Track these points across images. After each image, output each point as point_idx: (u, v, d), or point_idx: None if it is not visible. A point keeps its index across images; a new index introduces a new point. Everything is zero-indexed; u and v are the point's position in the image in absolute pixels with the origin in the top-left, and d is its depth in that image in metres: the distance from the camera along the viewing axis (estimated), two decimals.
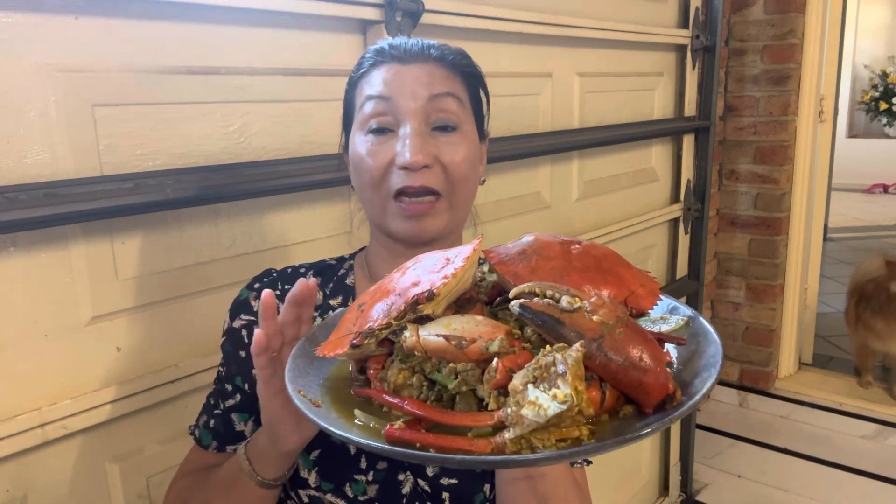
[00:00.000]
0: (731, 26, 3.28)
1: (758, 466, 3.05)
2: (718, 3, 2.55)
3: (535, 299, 0.60)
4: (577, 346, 0.54)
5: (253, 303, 0.95)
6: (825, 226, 4.09)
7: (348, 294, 0.98)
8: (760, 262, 3.43)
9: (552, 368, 0.53)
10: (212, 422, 0.95)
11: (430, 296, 0.61)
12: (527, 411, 0.52)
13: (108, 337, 1.11)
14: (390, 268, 0.91)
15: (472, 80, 0.93)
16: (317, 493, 0.90)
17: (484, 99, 0.96)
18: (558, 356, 0.54)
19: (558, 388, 0.52)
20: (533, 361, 0.55)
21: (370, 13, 1.39)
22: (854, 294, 3.42)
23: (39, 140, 0.99)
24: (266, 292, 0.73)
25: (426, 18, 1.46)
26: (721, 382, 3.61)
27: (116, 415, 1.11)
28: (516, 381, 0.54)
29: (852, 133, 9.78)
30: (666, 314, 0.72)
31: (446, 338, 0.59)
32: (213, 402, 0.97)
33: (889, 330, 3.24)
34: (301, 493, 0.91)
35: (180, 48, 1.14)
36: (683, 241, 2.73)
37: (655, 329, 0.70)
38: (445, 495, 0.90)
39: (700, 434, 3.18)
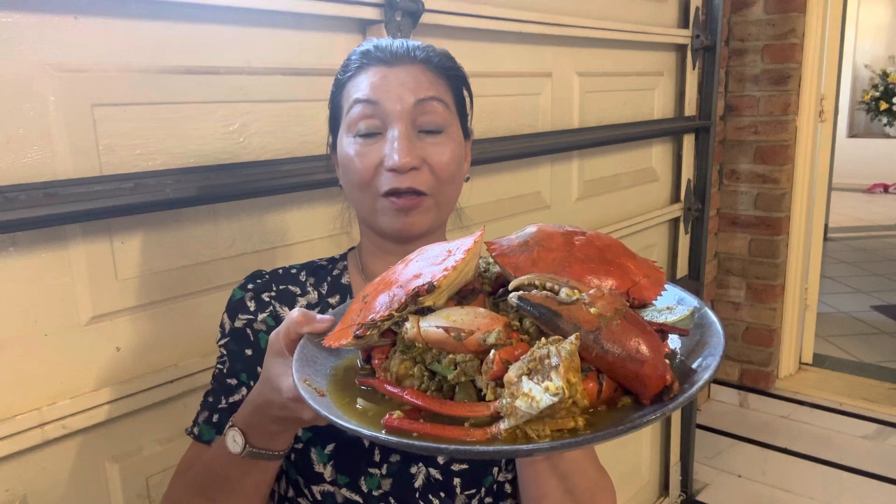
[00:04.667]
0: (732, 26, 3.28)
1: (758, 466, 3.05)
2: (719, 3, 2.54)
3: (534, 291, 0.60)
4: (571, 338, 0.55)
5: (248, 303, 0.96)
6: (825, 226, 4.08)
7: (345, 293, 0.99)
8: (761, 261, 3.43)
9: (546, 361, 0.54)
10: (214, 417, 0.94)
11: (431, 288, 0.62)
12: (520, 403, 0.53)
13: (108, 337, 1.11)
14: (383, 264, 0.94)
15: (457, 82, 0.96)
16: (331, 488, 0.91)
17: (467, 98, 0.99)
18: (552, 349, 0.54)
19: (551, 380, 0.53)
20: (528, 353, 0.56)
21: (370, 13, 1.39)
22: None
23: (39, 140, 0.99)
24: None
25: (426, 18, 1.46)
26: (721, 382, 3.61)
27: (116, 414, 1.11)
28: (511, 372, 0.55)
29: (852, 133, 9.78)
30: (673, 304, 0.72)
31: (446, 329, 0.60)
32: (212, 399, 0.96)
33: None
34: (314, 489, 0.91)
35: (180, 48, 1.14)
36: (684, 240, 2.73)
37: (661, 319, 0.70)
38: (457, 481, 0.92)
39: (700, 434, 3.18)
